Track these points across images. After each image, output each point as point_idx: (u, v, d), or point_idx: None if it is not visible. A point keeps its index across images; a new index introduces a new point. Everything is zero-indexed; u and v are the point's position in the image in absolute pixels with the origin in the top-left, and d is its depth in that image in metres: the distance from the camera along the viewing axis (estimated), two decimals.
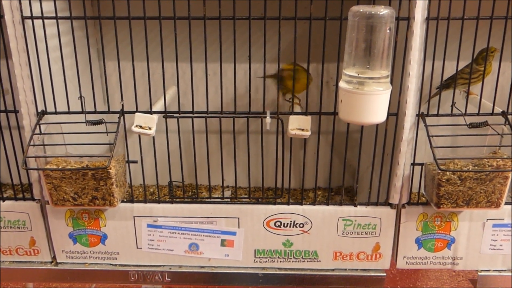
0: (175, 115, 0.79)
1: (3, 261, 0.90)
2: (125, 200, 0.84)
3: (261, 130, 0.80)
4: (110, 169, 0.73)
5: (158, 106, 0.80)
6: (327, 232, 0.86)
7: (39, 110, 0.78)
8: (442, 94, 0.82)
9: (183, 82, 0.87)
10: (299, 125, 0.78)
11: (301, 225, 0.85)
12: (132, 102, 0.79)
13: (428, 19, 0.72)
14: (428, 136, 0.74)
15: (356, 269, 0.88)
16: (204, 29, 0.74)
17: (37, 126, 0.76)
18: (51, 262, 0.90)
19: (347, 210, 0.84)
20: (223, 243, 0.87)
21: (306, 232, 0.86)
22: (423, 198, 0.84)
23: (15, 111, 0.80)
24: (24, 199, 0.86)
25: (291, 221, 0.85)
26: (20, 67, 0.75)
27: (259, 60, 0.80)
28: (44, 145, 0.76)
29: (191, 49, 0.75)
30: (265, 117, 0.77)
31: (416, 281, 1.81)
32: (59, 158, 0.77)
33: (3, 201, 0.86)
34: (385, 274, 0.87)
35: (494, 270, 0.88)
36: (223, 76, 0.79)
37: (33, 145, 0.74)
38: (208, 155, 0.83)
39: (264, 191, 1.07)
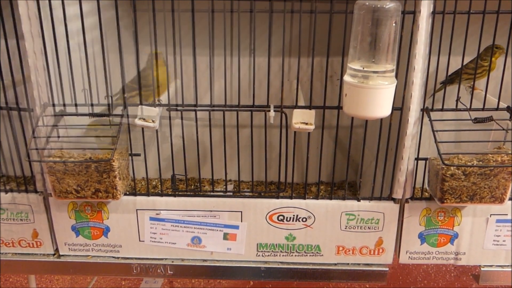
0: (178, 108, 0.78)
1: (6, 253, 0.90)
2: (127, 193, 0.84)
3: (264, 124, 0.80)
4: (113, 161, 0.73)
5: (162, 97, 0.80)
6: (330, 227, 0.85)
7: (43, 103, 0.78)
8: (447, 89, 0.82)
9: (186, 76, 0.87)
10: (303, 119, 0.77)
11: (304, 219, 0.85)
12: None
13: (434, 13, 0.72)
14: (433, 131, 0.74)
15: (359, 264, 0.88)
16: (211, 21, 0.73)
17: (41, 118, 0.76)
18: (54, 254, 0.90)
19: (350, 204, 0.84)
20: (225, 236, 0.87)
21: (309, 226, 0.86)
22: (427, 193, 0.83)
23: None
24: (26, 191, 0.85)
25: (294, 215, 0.85)
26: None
27: (263, 54, 0.79)
28: (47, 137, 0.75)
29: (194, 42, 0.75)
30: (269, 111, 0.77)
31: (417, 276, 1.81)
32: (62, 150, 0.77)
33: (6, 193, 0.86)
34: (387, 269, 0.87)
35: (496, 266, 0.87)
36: (227, 70, 0.79)
37: (36, 137, 0.74)
38: (212, 148, 0.83)
39: (267, 185, 1.07)
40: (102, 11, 0.67)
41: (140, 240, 0.87)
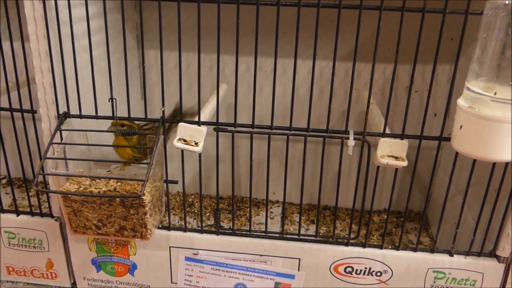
0: (229, 128, 0.61)
1: (17, 282, 0.77)
2: (160, 226, 0.68)
3: (340, 153, 0.61)
4: (144, 195, 0.56)
5: (206, 113, 0.63)
6: (410, 285, 0.67)
7: (61, 112, 0.62)
8: None
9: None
10: (391, 151, 0.59)
11: (379, 274, 0.67)
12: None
13: None
14: None
15: None
16: (277, 18, 0.56)
17: (57, 133, 0.61)
18: None
19: (440, 260, 0.66)
20: (277, 286, 0.70)
21: (383, 282, 0.68)
22: None
23: (33, 111, 0.65)
24: (41, 214, 0.71)
25: (366, 268, 0.67)
26: (39, 57, 0.60)
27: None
28: (65, 159, 0.60)
29: (257, 42, 0.57)
30: (347, 138, 0.59)
31: None
32: (81, 173, 0.61)
33: (17, 215, 0.72)
34: None
35: None
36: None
37: (51, 158, 0.58)
38: (268, 174, 0.66)
39: (321, 210, 0.90)
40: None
41: (172, 282, 0.72)
